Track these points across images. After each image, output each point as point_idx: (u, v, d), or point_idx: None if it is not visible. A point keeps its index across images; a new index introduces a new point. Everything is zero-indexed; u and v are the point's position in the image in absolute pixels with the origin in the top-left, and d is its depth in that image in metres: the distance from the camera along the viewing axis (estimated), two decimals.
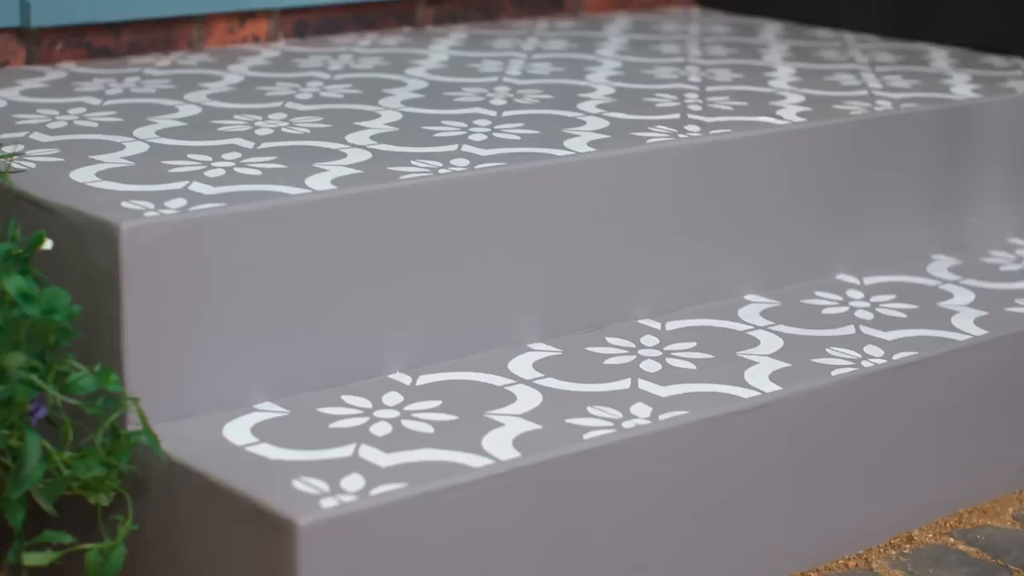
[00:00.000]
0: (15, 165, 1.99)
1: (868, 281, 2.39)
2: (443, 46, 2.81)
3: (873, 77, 2.64)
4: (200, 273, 1.84)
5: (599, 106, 2.38)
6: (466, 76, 2.57)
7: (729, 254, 2.28)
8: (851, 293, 2.34)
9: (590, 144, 2.17)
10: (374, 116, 2.29)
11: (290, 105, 2.35)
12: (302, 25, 2.87)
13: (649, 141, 2.19)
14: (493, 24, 3.03)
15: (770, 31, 3.04)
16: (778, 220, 2.32)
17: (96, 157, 2.06)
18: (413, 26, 2.99)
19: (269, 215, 1.88)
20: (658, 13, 3.21)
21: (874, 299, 2.32)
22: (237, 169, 2.01)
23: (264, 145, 2.13)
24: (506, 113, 2.33)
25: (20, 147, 2.08)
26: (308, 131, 2.21)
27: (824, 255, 2.39)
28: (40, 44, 2.64)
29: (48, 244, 1.78)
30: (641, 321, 2.20)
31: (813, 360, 2.08)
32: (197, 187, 1.93)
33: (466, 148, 2.13)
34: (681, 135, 2.22)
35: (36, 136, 2.16)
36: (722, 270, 2.28)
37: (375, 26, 2.94)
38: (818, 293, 2.34)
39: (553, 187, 2.09)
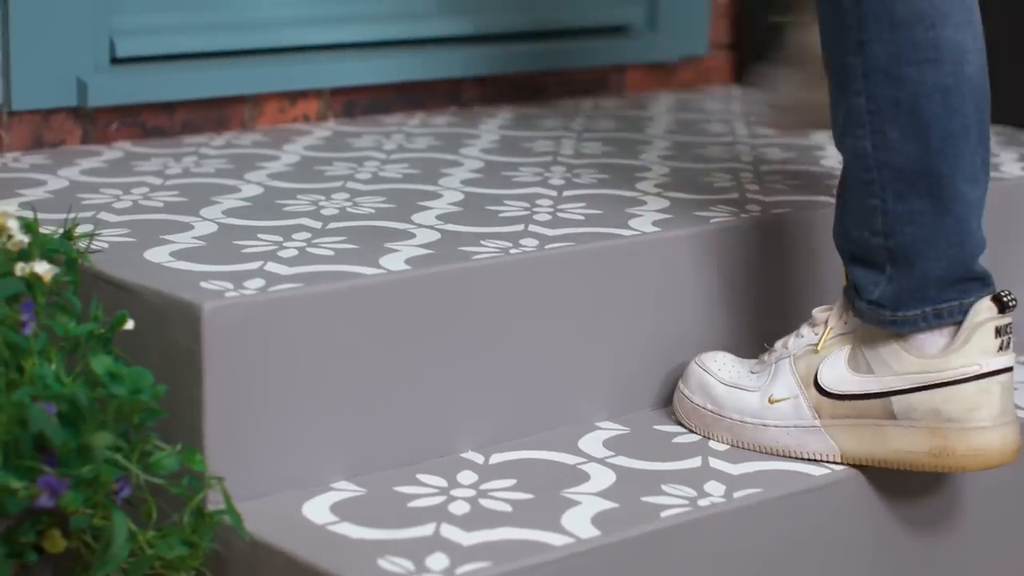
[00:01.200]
0: (93, 245, 2.01)
1: None
2: (492, 125, 2.84)
3: None
4: (279, 352, 1.85)
5: (657, 185, 2.40)
6: (521, 155, 2.59)
7: (790, 330, 2.29)
8: None
9: (654, 224, 2.18)
10: (436, 196, 2.32)
11: (351, 185, 2.37)
12: (351, 105, 2.90)
13: (712, 221, 2.21)
14: (538, 104, 3.06)
15: None
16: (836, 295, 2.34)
17: (167, 237, 2.08)
18: (460, 105, 3.01)
19: (347, 295, 1.89)
20: (699, 92, 3.24)
21: None
22: (309, 249, 2.03)
23: (332, 225, 2.14)
24: (566, 193, 2.35)
25: (90, 226, 2.10)
26: (373, 211, 2.22)
27: None
28: (96, 124, 2.66)
29: (130, 324, 1.79)
30: None
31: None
32: (273, 267, 1.94)
33: (533, 228, 2.15)
34: (743, 214, 2.24)
35: (104, 216, 2.18)
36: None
37: (423, 106, 2.97)
38: None
39: (620, 266, 2.11)
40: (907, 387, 1.89)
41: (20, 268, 1.75)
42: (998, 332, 1.86)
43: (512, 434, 2.05)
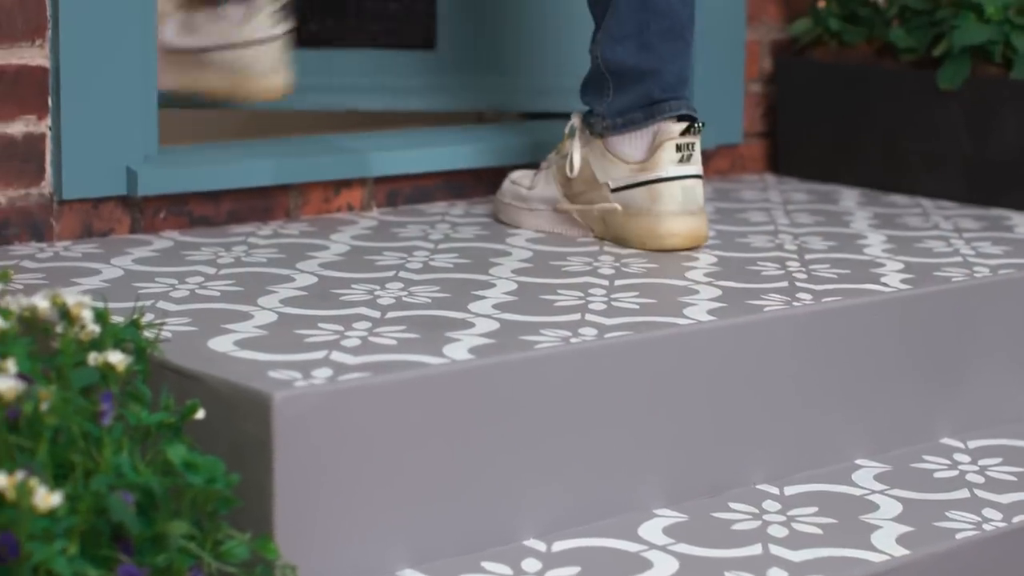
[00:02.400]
0: (159, 334, 2.03)
1: (972, 444, 2.42)
2: None
3: (963, 244, 2.69)
4: (347, 441, 1.86)
5: (706, 274, 2.42)
6: (567, 245, 2.61)
7: (839, 419, 2.31)
8: (958, 456, 2.36)
9: (709, 312, 2.20)
10: (489, 285, 2.34)
11: (403, 274, 2.39)
12: (394, 194, 2.92)
13: (766, 309, 2.23)
14: None
15: (849, 198, 3.10)
16: (885, 385, 2.36)
17: (228, 326, 2.09)
18: None
19: (414, 384, 1.91)
20: (734, 181, 3.27)
21: (982, 462, 2.34)
22: (371, 338, 2.04)
23: (390, 314, 2.16)
24: (618, 282, 2.37)
25: (144, 312, 2.12)
26: (429, 300, 2.24)
27: (928, 419, 2.42)
28: (144, 213, 2.68)
29: (200, 414, 1.81)
30: (759, 486, 2.22)
31: (935, 524, 2.10)
32: (338, 356, 1.96)
33: (589, 317, 2.17)
34: (795, 303, 2.26)
35: (163, 305, 2.20)
36: (833, 435, 2.31)
37: (464, 194, 3.00)
38: (926, 457, 2.36)
39: (678, 354, 2.13)
40: (619, 186, 2.58)
41: (93, 358, 1.77)
42: (679, 148, 2.53)
43: (573, 521, 2.06)
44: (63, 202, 2.61)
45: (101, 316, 1.83)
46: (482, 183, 3.02)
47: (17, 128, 2.57)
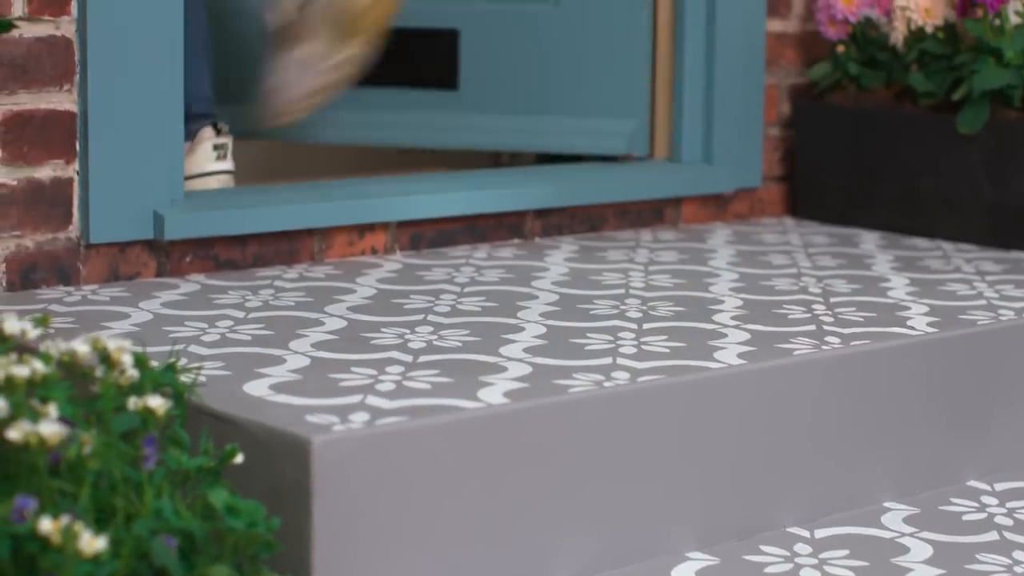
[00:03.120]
0: (196, 379, 2.03)
1: (999, 487, 2.42)
2: (558, 258, 2.87)
3: (986, 287, 2.70)
4: (383, 485, 1.87)
5: (733, 318, 2.43)
6: (593, 288, 2.63)
7: (868, 462, 2.32)
8: (986, 499, 2.37)
9: (740, 356, 2.21)
10: (519, 329, 2.34)
11: (432, 318, 2.40)
12: (417, 237, 2.93)
13: (796, 353, 2.24)
14: (598, 236, 3.10)
15: (869, 241, 3.11)
16: (912, 427, 2.37)
17: (262, 370, 2.10)
18: (522, 238, 3.05)
19: (451, 428, 1.91)
20: (754, 224, 3.29)
21: (1009, 505, 2.35)
22: (406, 382, 2.05)
23: (423, 358, 2.17)
24: (647, 325, 2.38)
25: (185, 359, 2.13)
26: (460, 344, 2.25)
27: (955, 462, 2.43)
28: (170, 256, 2.69)
29: (239, 458, 1.81)
30: (790, 529, 2.23)
31: (966, 566, 2.10)
32: (373, 400, 1.97)
33: (621, 361, 2.17)
34: (824, 346, 2.27)
35: (195, 349, 2.21)
36: (861, 477, 2.32)
37: (486, 238, 3.01)
38: (953, 499, 2.37)
39: (710, 398, 2.14)
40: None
41: (133, 402, 1.78)
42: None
43: (606, 564, 2.06)
44: (90, 246, 2.62)
45: (140, 360, 1.84)
46: (503, 227, 3.03)
47: (45, 173, 2.58)
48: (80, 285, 2.61)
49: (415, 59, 3.26)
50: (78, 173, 2.61)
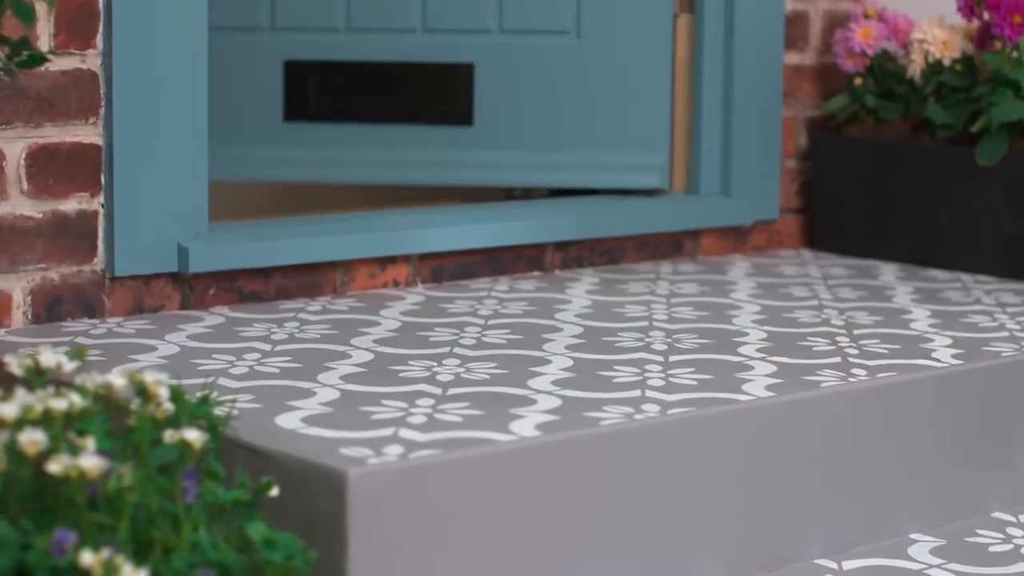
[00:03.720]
0: (231, 411, 2.04)
1: None
2: (579, 290, 2.88)
3: (1008, 318, 2.71)
4: (418, 517, 1.87)
5: (759, 350, 2.44)
6: (617, 321, 2.63)
7: (894, 493, 2.33)
8: (1011, 531, 2.37)
9: (767, 388, 2.22)
10: (545, 362, 2.35)
11: (458, 351, 2.41)
12: (438, 270, 2.94)
13: (823, 385, 2.24)
14: (618, 268, 3.11)
15: (888, 272, 3.12)
16: (938, 459, 2.37)
17: (293, 403, 2.11)
18: (542, 270, 3.06)
19: (486, 461, 1.92)
20: (772, 256, 3.29)
21: None
22: (437, 415, 2.06)
23: (452, 391, 2.18)
24: (672, 358, 2.38)
25: (208, 389, 2.13)
26: (488, 376, 2.26)
27: (980, 493, 2.43)
28: (194, 289, 2.70)
29: (275, 491, 1.82)
30: (818, 561, 2.23)
31: None
32: (406, 433, 1.97)
33: (650, 393, 2.18)
34: (851, 379, 2.28)
35: (223, 382, 2.21)
36: (888, 509, 2.32)
37: (506, 271, 3.02)
38: (979, 531, 2.37)
39: (737, 430, 2.14)
40: None
41: (169, 435, 1.78)
42: None
43: None
44: (115, 278, 2.63)
45: (176, 394, 1.85)
46: (523, 259, 3.04)
47: (71, 205, 2.59)
48: (105, 318, 2.62)
49: (428, 94, 3.26)
50: (103, 206, 2.62)
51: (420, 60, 3.24)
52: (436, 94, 3.24)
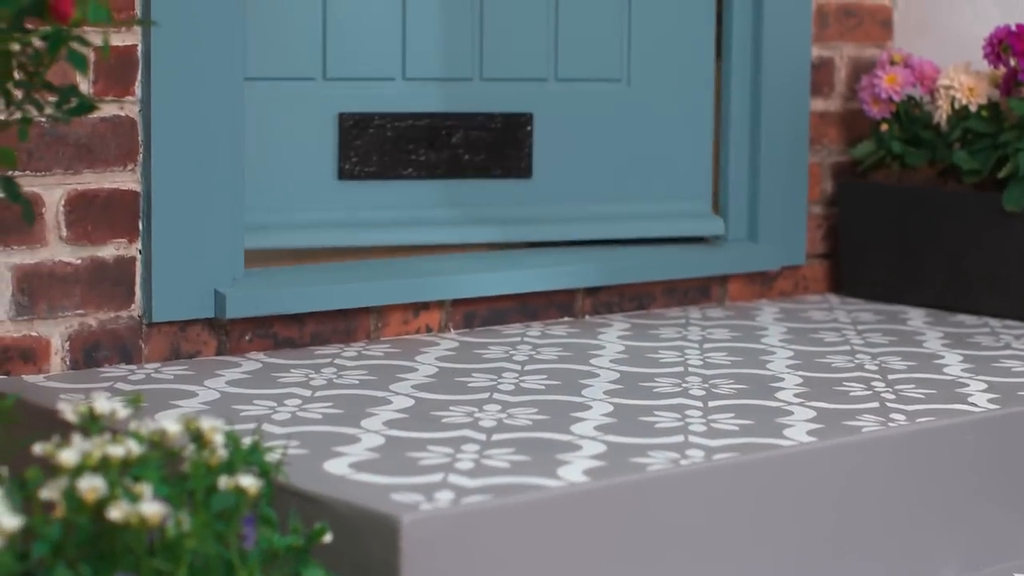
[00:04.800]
0: (283, 458, 2.04)
1: None
2: (611, 336, 2.90)
3: None
4: (470, 563, 1.88)
5: (796, 395, 2.45)
6: (652, 367, 2.64)
7: (934, 536, 2.33)
8: None
9: (809, 433, 2.23)
10: (586, 407, 2.36)
11: (498, 396, 2.42)
12: (470, 316, 2.96)
13: (865, 430, 2.25)
14: (647, 313, 3.12)
15: (916, 318, 3.13)
16: (977, 503, 2.38)
17: (339, 449, 2.12)
18: (573, 316, 3.07)
19: (537, 506, 1.93)
20: (799, 301, 3.31)
21: None
22: (484, 461, 2.07)
23: (496, 437, 2.19)
24: (712, 403, 2.39)
25: (262, 435, 2.14)
26: (530, 422, 2.27)
27: (1019, 537, 2.44)
28: (230, 335, 2.71)
29: (328, 537, 1.83)
30: None
31: None
32: (455, 479, 1.98)
33: (693, 439, 2.19)
34: (891, 423, 2.29)
35: (268, 428, 2.22)
36: (928, 552, 2.33)
37: (537, 316, 3.03)
38: (1017, 574, 2.38)
39: (780, 475, 2.15)
40: None
41: (225, 482, 1.79)
42: None
43: None
44: (152, 324, 2.64)
45: (232, 440, 1.86)
46: (554, 305, 3.05)
47: (108, 252, 2.60)
48: (142, 363, 2.63)
49: (487, 147, 3.12)
50: (140, 252, 2.63)
51: (478, 110, 3.11)
52: (495, 146, 3.13)
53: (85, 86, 2.56)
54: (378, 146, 3.00)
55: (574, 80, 3.17)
